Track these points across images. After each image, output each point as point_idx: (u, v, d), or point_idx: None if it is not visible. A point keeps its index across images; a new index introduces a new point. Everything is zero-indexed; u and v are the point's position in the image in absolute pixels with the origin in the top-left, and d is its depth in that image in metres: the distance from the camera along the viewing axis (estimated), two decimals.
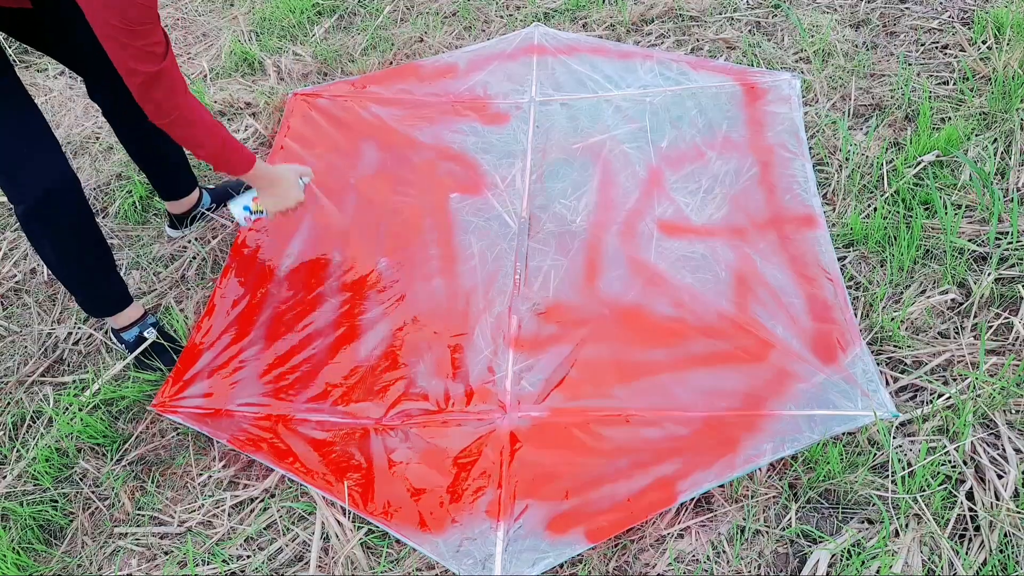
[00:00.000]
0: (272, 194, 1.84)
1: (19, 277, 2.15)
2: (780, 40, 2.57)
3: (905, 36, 2.51)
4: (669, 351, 1.74)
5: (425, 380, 1.75)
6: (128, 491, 1.66)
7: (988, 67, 2.29)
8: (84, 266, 1.74)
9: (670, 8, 2.74)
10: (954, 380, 1.63)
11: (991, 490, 1.45)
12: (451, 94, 2.49)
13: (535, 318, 1.84)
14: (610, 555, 1.46)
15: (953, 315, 1.75)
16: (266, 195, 1.84)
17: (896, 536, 1.41)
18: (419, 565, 1.47)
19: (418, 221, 2.11)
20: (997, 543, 1.38)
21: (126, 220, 2.26)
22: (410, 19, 2.89)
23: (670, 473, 1.53)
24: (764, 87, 2.35)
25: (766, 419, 1.58)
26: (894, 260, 1.84)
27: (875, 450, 1.52)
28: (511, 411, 1.67)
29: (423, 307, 1.90)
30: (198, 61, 2.86)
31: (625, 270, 1.91)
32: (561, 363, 1.74)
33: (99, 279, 1.79)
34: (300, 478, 1.61)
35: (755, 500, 1.49)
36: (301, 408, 1.73)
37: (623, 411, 1.64)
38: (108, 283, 1.81)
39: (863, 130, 2.21)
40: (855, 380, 1.62)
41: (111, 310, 1.84)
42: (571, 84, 2.47)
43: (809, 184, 2.05)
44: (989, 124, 2.14)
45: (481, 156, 2.27)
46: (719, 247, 1.93)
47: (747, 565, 1.42)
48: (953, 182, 2.00)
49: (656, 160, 2.18)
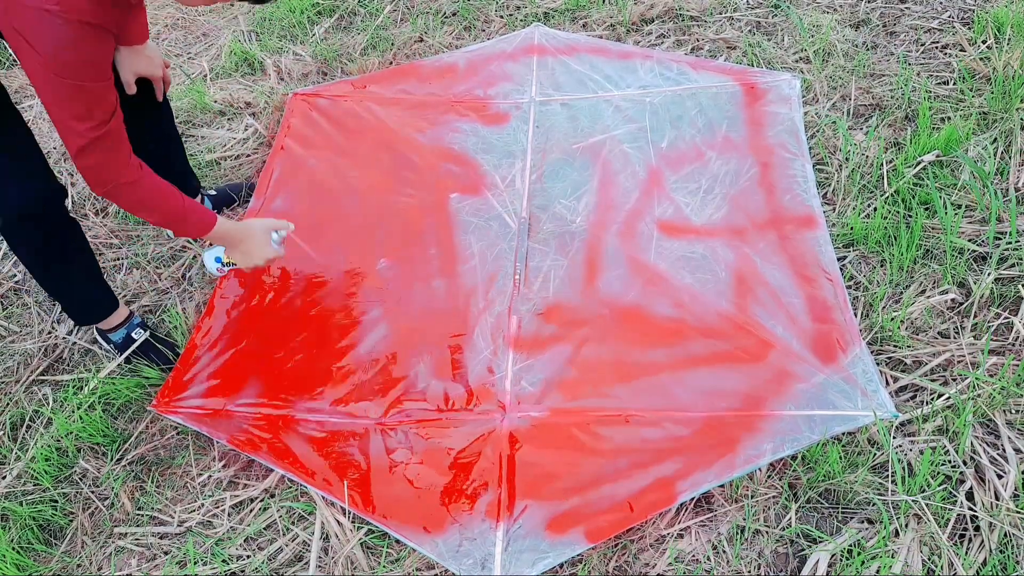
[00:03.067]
0: (240, 251, 1.74)
1: (19, 277, 2.15)
2: (780, 40, 2.57)
3: (905, 36, 2.51)
4: (669, 351, 1.74)
5: (425, 380, 1.75)
6: (128, 491, 1.66)
7: (988, 67, 2.29)
8: (66, 277, 1.74)
9: (670, 8, 2.74)
10: (954, 380, 1.63)
11: (991, 490, 1.45)
12: (451, 94, 2.49)
13: (535, 318, 1.84)
14: (610, 555, 1.46)
15: (953, 315, 1.75)
16: (233, 252, 1.75)
17: (896, 536, 1.41)
18: (419, 565, 1.47)
19: (418, 221, 2.11)
20: (997, 543, 1.38)
21: (126, 220, 2.26)
22: (410, 19, 2.89)
23: (670, 473, 1.53)
24: (764, 87, 2.35)
25: (766, 419, 1.58)
26: (894, 260, 1.84)
27: (875, 450, 1.52)
28: (511, 411, 1.67)
29: (423, 307, 1.90)
30: (198, 61, 2.86)
31: (625, 270, 1.91)
32: (561, 363, 1.74)
33: (83, 288, 1.78)
34: (300, 478, 1.61)
35: (755, 500, 1.49)
36: (301, 408, 1.73)
37: (623, 411, 1.64)
38: (92, 291, 1.80)
39: (863, 130, 2.21)
40: (855, 380, 1.62)
41: (96, 318, 1.84)
42: (571, 84, 2.47)
43: (809, 184, 2.04)
44: (989, 124, 2.14)
45: (481, 156, 2.27)
46: (719, 247, 1.93)
47: (747, 565, 1.42)
48: (953, 182, 2.00)
49: (656, 160, 2.18)
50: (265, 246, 1.74)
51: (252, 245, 1.73)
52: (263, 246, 1.74)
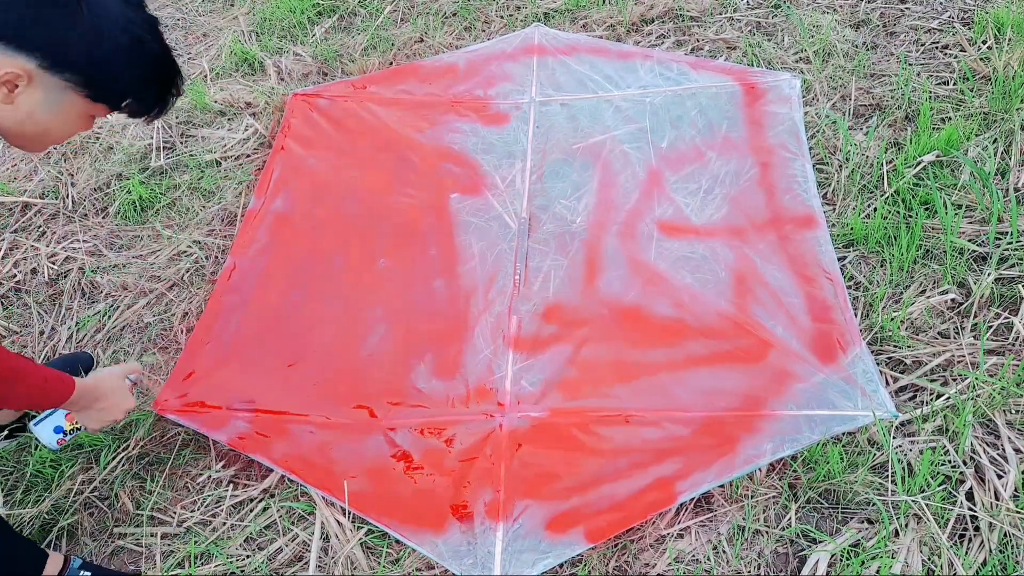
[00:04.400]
0: (97, 410, 1.47)
1: (19, 277, 2.15)
2: (780, 40, 2.57)
3: (905, 36, 2.51)
4: (669, 351, 1.74)
5: (425, 380, 1.75)
6: (128, 491, 1.66)
7: (988, 67, 2.29)
8: None
9: (670, 8, 2.74)
10: (954, 380, 1.63)
11: (991, 490, 1.45)
12: (451, 94, 2.49)
13: (535, 318, 1.84)
14: (610, 555, 1.45)
15: (953, 315, 1.75)
16: (86, 413, 1.46)
17: (896, 536, 1.41)
18: (419, 565, 1.48)
19: (418, 221, 2.11)
20: (997, 543, 1.38)
21: (126, 220, 2.26)
22: (410, 19, 2.89)
23: (670, 473, 1.53)
24: (764, 87, 2.35)
25: (766, 419, 1.58)
26: (894, 260, 1.84)
27: (875, 450, 1.52)
28: (511, 411, 1.67)
29: (423, 307, 1.90)
30: (198, 61, 2.86)
31: (625, 270, 1.91)
32: (561, 363, 1.74)
33: None
34: (300, 478, 1.61)
35: (755, 500, 1.49)
36: (301, 408, 1.73)
37: (623, 411, 1.64)
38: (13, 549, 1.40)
39: (863, 130, 2.21)
40: (855, 380, 1.62)
41: None
42: (571, 84, 2.47)
43: (809, 184, 2.04)
44: (989, 124, 2.14)
45: (481, 156, 2.27)
46: (719, 247, 1.93)
47: (747, 565, 1.42)
48: (953, 182, 2.00)
49: (656, 160, 2.18)
50: (125, 396, 1.51)
51: (111, 400, 1.48)
52: (123, 397, 1.50)
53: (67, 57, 1.13)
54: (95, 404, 1.46)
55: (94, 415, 1.47)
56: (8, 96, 1.13)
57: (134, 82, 1.22)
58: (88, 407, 1.45)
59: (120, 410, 1.50)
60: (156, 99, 1.27)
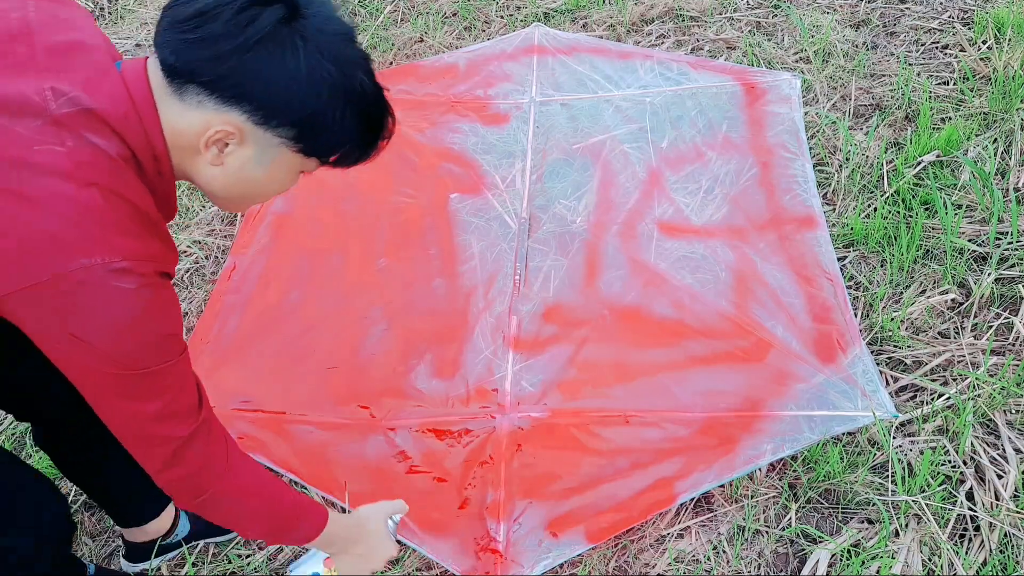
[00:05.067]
0: (355, 555, 1.24)
1: None
2: (780, 40, 2.57)
3: (905, 36, 2.51)
4: (669, 351, 1.74)
5: (425, 380, 1.75)
6: None
7: (988, 67, 2.29)
8: None
9: (670, 8, 2.74)
10: (954, 380, 1.63)
11: (991, 490, 1.45)
12: (451, 94, 2.49)
13: (535, 318, 1.84)
14: (610, 555, 1.45)
15: (953, 315, 1.75)
16: (345, 559, 1.25)
17: (896, 536, 1.41)
18: (419, 565, 1.47)
19: (418, 221, 2.11)
20: (997, 543, 1.38)
21: None
22: (410, 19, 2.89)
23: (670, 473, 1.53)
24: (764, 87, 2.35)
25: (766, 419, 1.58)
26: (894, 260, 1.84)
27: (875, 450, 1.52)
28: (511, 411, 1.67)
29: (423, 307, 1.90)
30: None
31: (625, 270, 1.91)
32: (561, 363, 1.74)
33: None
34: (300, 478, 1.60)
35: (755, 500, 1.49)
36: (301, 408, 1.73)
37: (623, 411, 1.64)
38: None
39: (863, 130, 2.21)
40: (855, 380, 1.62)
41: None
42: (571, 84, 2.47)
43: (809, 184, 2.04)
44: (989, 124, 2.14)
45: (481, 156, 2.27)
46: (719, 247, 1.93)
47: (747, 565, 1.42)
48: (953, 182, 2.00)
49: (656, 160, 2.18)
50: (386, 542, 1.27)
51: (371, 544, 1.26)
52: (384, 542, 1.27)
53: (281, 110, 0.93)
54: (352, 548, 1.23)
55: (353, 562, 1.24)
56: (218, 157, 0.95)
57: (351, 132, 1.02)
58: (343, 550, 1.23)
59: (381, 558, 1.26)
60: (369, 146, 1.08)
